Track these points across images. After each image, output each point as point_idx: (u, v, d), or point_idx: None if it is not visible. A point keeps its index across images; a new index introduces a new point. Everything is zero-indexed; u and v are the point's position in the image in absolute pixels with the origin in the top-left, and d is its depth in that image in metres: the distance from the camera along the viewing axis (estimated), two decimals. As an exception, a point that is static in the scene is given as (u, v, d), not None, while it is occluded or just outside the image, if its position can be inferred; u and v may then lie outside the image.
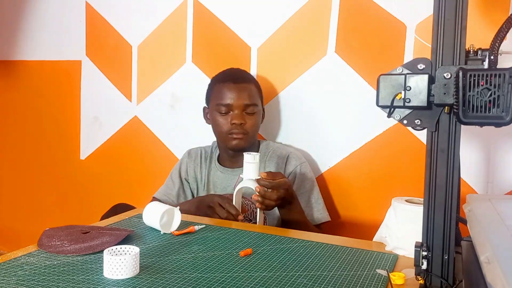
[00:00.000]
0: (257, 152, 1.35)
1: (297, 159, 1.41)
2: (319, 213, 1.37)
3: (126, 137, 1.88)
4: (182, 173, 1.48)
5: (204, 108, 1.49)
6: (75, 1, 1.92)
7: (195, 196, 1.47)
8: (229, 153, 1.43)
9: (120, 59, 1.85)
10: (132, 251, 0.81)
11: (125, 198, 1.36)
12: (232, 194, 1.22)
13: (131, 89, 1.85)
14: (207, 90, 1.47)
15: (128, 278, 0.76)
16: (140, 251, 0.80)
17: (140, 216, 1.12)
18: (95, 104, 1.94)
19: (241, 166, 1.38)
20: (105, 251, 0.78)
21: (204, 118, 1.49)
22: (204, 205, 1.21)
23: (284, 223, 1.27)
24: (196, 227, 1.04)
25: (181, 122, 1.76)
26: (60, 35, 1.98)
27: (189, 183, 1.48)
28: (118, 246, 0.81)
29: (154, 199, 1.44)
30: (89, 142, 1.97)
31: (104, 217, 1.28)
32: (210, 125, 1.46)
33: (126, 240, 0.95)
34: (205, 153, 1.50)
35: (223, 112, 1.36)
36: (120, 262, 0.75)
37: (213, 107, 1.39)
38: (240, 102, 1.35)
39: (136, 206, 1.32)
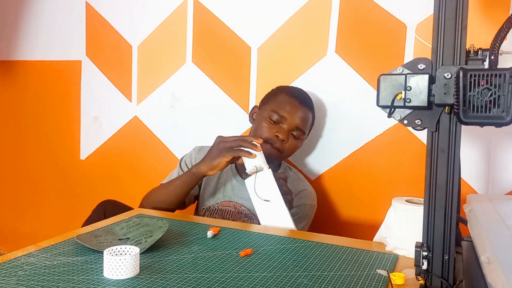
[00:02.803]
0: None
1: (309, 199, 1.39)
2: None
3: (126, 137, 1.88)
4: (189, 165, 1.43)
5: (254, 107, 1.45)
6: (75, 1, 1.92)
7: (201, 191, 1.42)
8: None
9: (120, 59, 1.85)
10: (132, 251, 0.81)
11: (125, 198, 1.35)
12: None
13: (131, 89, 1.85)
14: (270, 93, 1.43)
15: (128, 278, 0.76)
16: (140, 251, 0.80)
17: (139, 216, 1.12)
18: (95, 104, 1.94)
19: None
20: (105, 251, 0.78)
21: (249, 116, 1.46)
22: (217, 153, 1.19)
23: None
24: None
25: (181, 122, 1.76)
26: (60, 35, 1.98)
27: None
28: (118, 246, 0.81)
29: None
30: (89, 142, 1.97)
31: (93, 215, 1.27)
32: (252, 125, 1.44)
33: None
34: None
35: (273, 120, 1.34)
36: (120, 262, 0.75)
37: (267, 111, 1.36)
38: (294, 122, 1.33)
39: (136, 205, 1.32)
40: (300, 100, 1.37)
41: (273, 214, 1.13)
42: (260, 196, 1.14)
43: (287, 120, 1.33)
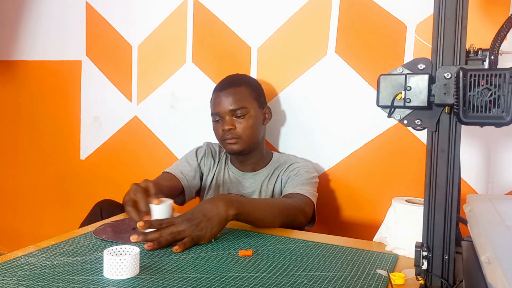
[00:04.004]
0: (268, 160, 1.41)
1: (299, 160, 1.41)
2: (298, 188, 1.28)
3: (126, 137, 1.88)
4: (199, 158, 1.45)
5: None
6: (75, 1, 1.92)
7: (201, 187, 1.45)
8: (234, 156, 1.44)
9: (120, 59, 1.85)
10: (132, 251, 0.81)
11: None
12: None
13: (131, 89, 1.85)
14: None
15: (128, 278, 0.76)
16: (140, 251, 0.80)
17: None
18: (95, 104, 1.94)
19: (250, 170, 1.42)
20: (105, 251, 0.78)
21: None
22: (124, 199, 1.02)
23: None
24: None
25: (181, 122, 1.76)
26: (60, 35, 1.98)
27: (202, 172, 1.45)
28: (118, 246, 0.81)
29: (166, 174, 1.38)
30: (89, 142, 1.97)
31: (90, 214, 1.27)
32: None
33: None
34: (218, 150, 1.49)
35: (216, 120, 1.38)
36: (120, 262, 0.75)
37: (211, 117, 1.41)
38: (225, 108, 1.35)
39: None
40: (221, 87, 1.38)
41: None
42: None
43: (221, 112, 1.35)
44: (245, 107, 1.35)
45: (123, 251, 0.81)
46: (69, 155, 2.02)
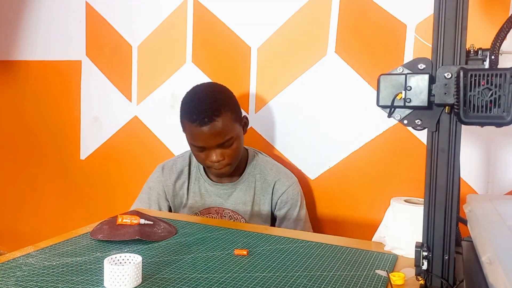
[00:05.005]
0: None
1: (287, 179, 1.37)
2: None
3: (126, 137, 1.88)
4: (160, 194, 1.38)
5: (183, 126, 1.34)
6: (75, 1, 1.92)
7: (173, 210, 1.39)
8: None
9: (120, 59, 1.85)
10: (134, 259, 0.77)
11: (125, 198, 1.35)
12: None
13: (131, 89, 1.85)
14: (180, 117, 1.33)
15: None
16: (142, 260, 0.76)
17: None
18: (95, 104, 1.94)
19: (229, 181, 1.36)
20: (106, 260, 0.74)
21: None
22: None
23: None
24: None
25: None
26: (60, 35, 1.98)
27: (168, 201, 1.39)
28: (119, 255, 0.77)
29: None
30: (89, 142, 1.97)
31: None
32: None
33: (128, 241, 0.95)
34: (182, 164, 1.41)
35: (199, 149, 1.28)
36: (121, 272, 0.72)
37: (188, 141, 1.31)
38: (212, 144, 1.24)
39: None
40: (202, 122, 1.22)
41: None
42: None
43: (207, 147, 1.25)
44: (231, 136, 1.26)
45: (123, 260, 0.77)
46: (69, 155, 2.02)
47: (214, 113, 1.22)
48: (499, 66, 0.65)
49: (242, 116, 1.36)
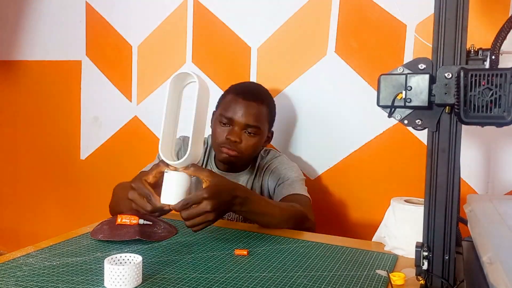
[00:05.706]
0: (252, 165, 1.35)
1: (275, 158, 1.37)
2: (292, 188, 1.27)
3: (126, 137, 1.88)
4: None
5: (214, 112, 1.40)
6: (75, 1, 1.92)
7: None
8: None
9: (120, 59, 1.85)
10: (134, 259, 0.77)
11: (125, 198, 1.35)
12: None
13: (131, 89, 1.85)
14: (220, 96, 1.39)
15: None
16: (142, 260, 0.76)
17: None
18: (95, 104, 1.94)
19: (234, 171, 1.35)
20: (106, 260, 0.74)
21: (210, 122, 1.41)
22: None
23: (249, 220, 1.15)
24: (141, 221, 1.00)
25: (181, 122, 1.75)
26: (60, 35, 1.98)
27: None
28: (119, 255, 0.77)
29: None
30: (89, 142, 1.97)
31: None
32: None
33: (128, 241, 0.95)
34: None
35: (224, 123, 1.29)
36: (121, 272, 0.71)
37: (217, 116, 1.33)
38: (242, 120, 1.27)
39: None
40: (246, 96, 1.29)
41: None
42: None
43: (235, 120, 1.27)
44: (259, 127, 1.29)
45: (123, 260, 0.77)
46: (69, 155, 2.02)
47: (259, 97, 1.32)
48: (499, 66, 0.65)
49: (272, 129, 1.40)
